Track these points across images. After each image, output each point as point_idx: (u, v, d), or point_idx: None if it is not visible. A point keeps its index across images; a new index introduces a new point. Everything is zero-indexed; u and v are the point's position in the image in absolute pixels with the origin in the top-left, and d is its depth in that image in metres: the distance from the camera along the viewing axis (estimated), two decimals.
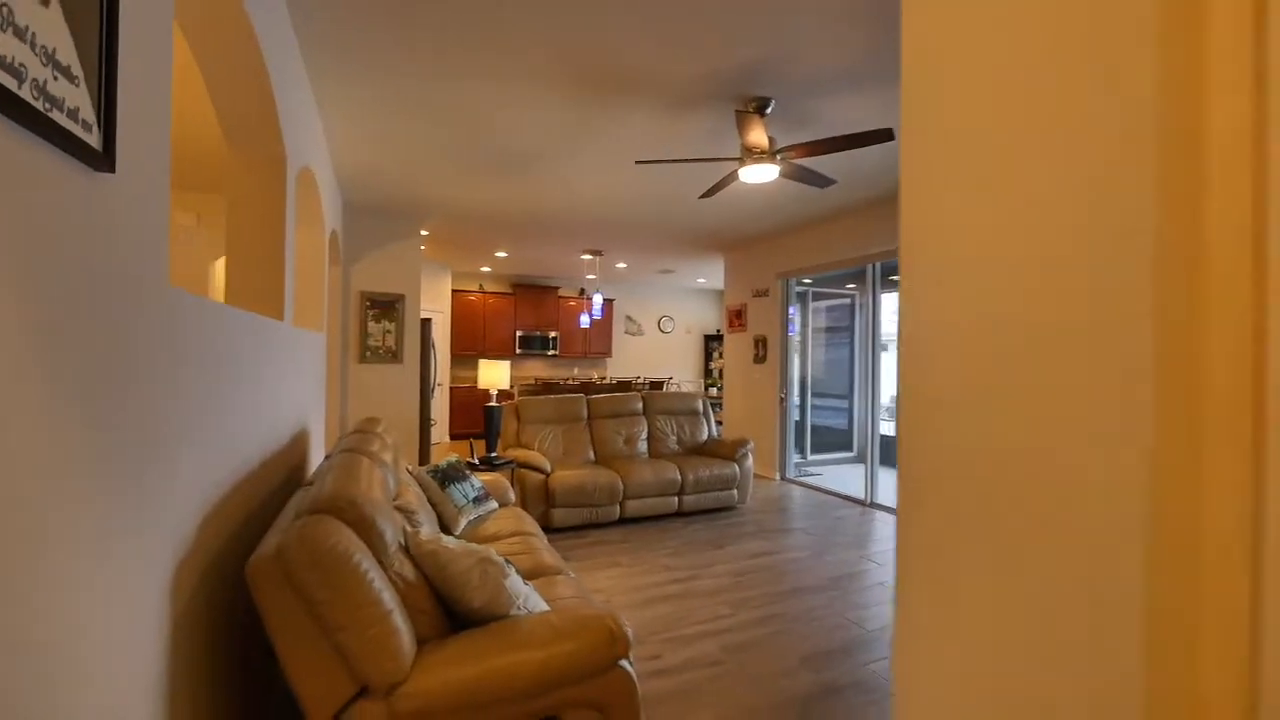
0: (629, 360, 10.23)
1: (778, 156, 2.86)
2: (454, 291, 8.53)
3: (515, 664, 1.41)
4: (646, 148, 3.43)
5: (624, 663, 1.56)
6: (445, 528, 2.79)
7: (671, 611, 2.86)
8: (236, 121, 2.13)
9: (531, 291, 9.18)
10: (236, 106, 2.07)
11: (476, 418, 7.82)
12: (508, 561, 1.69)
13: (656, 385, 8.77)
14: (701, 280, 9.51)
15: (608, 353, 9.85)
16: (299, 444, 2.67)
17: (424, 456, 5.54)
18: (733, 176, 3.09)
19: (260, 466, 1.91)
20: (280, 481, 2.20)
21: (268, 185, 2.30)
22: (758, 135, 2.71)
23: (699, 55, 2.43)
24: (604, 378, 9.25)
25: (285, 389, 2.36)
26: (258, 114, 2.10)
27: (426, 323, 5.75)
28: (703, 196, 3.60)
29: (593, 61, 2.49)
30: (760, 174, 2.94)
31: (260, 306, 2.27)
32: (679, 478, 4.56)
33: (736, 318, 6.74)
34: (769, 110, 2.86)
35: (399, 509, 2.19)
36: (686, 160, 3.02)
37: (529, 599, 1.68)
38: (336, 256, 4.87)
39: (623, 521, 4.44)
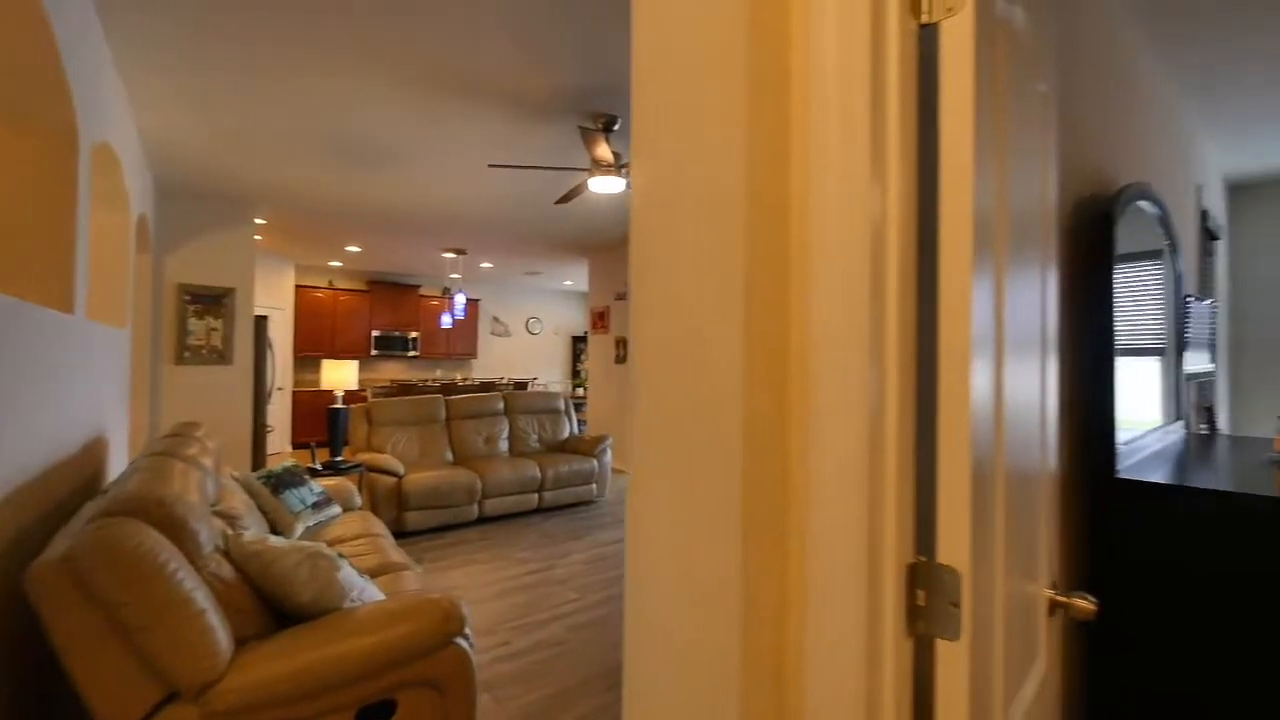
0: (496, 361, 10.07)
1: (622, 170, 3.10)
2: (299, 287, 7.82)
3: (345, 651, 1.44)
4: (501, 152, 3.50)
5: (459, 640, 1.65)
6: (279, 535, 2.64)
7: (525, 601, 2.97)
8: (5, 80, 1.88)
9: (389, 289, 8.68)
10: (6, 61, 1.82)
11: (324, 423, 7.25)
12: (341, 555, 1.70)
13: (521, 386, 8.75)
14: (569, 283, 9.66)
15: (473, 354, 9.62)
16: (93, 452, 2.38)
17: (258, 465, 5.05)
18: (584, 186, 3.28)
19: (39, 478, 1.71)
20: (67, 493, 1.97)
21: (53, 158, 2.04)
22: (603, 151, 2.92)
23: (552, 70, 2.58)
24: (467, 379, 9.02)
25: (75, 391, 2.11)
26: (36, 70, 1.87)
27: (262, 320, 5.25)
28: (558, 202, 3.76)
29: (446, 64, 2.53)
30: (608, 185, 3.16)
31: (41, 296, 2.01)
32: (539, 475, 4.66)
33: (600, 319, 6.98)
34: (616, 127, 3.09)
35: (221, 515, 2.07)
36: (537, 167, 3.15)
37: (365, 591, 1.70)
38: (146, 243, 4.29)
39: (482, 521, 4.45)
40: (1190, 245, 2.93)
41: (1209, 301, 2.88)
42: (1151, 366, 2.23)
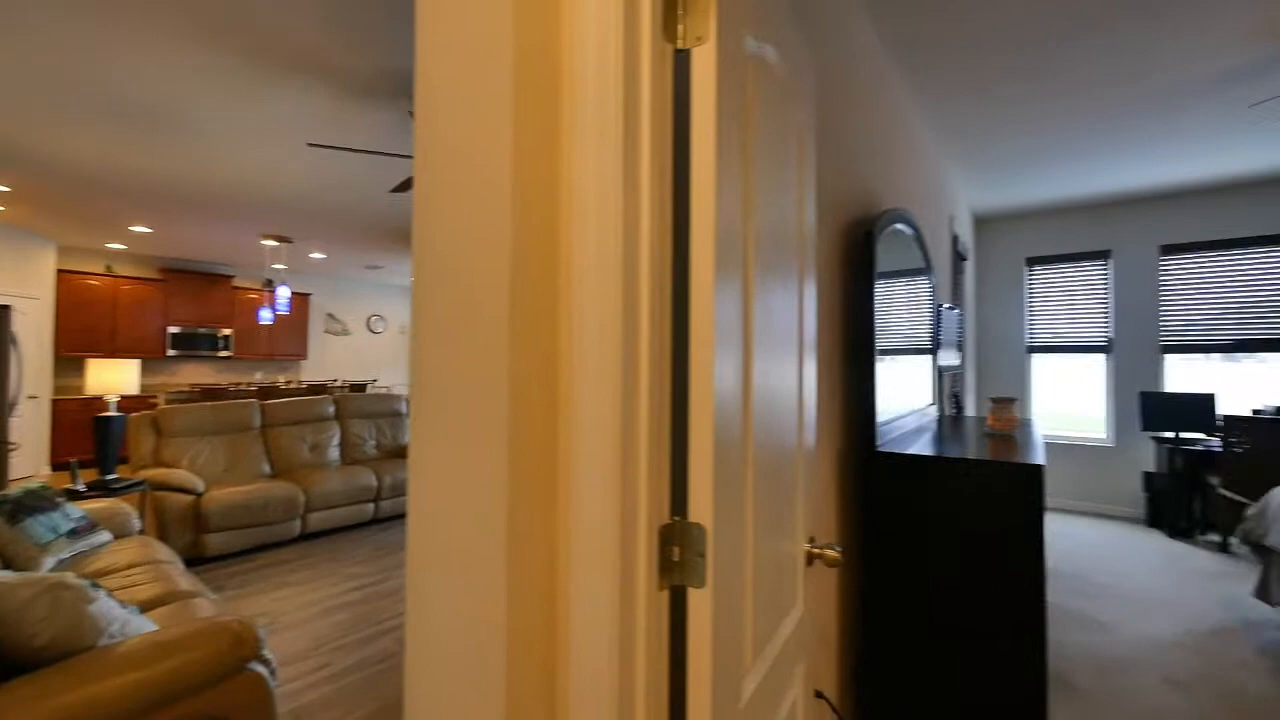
0: (331, 362, 9.13)
1: None
2: (62, 273, 6.40)
3: (97, 694, 1.23)
4: (324, 131, 3.20)
5: (256, 666, 1.49)
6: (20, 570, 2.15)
7: (349, 618, 2.74)
8: None
9: (192, 279, 7.45)
10: None
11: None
12: (95, 585, 1.44)
13: (359, 388, 8.05)
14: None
15: (302, 354, 8.62)
16: None
17: None
18: None
19: None
20: None
21: None
22: None
23: (372, 50, 2.42)
24: (293, 382, 8.06)
25: None
26: None
27: (3, 311, 4.22)
28: (393, 191, 3.53)
29: (233, 23, 2.25)
30: None
31: None
32: (376, 483, 4.33)
33: None
34: None
35: None
36: (364, 151, 2.94)
37: (130, 624, 1.46)
38: None
39: (306, 538, 4.01)
40: (944, 264, 3.60)
41: (957, 311, 3.56)
42: (917, 362, 2.70)
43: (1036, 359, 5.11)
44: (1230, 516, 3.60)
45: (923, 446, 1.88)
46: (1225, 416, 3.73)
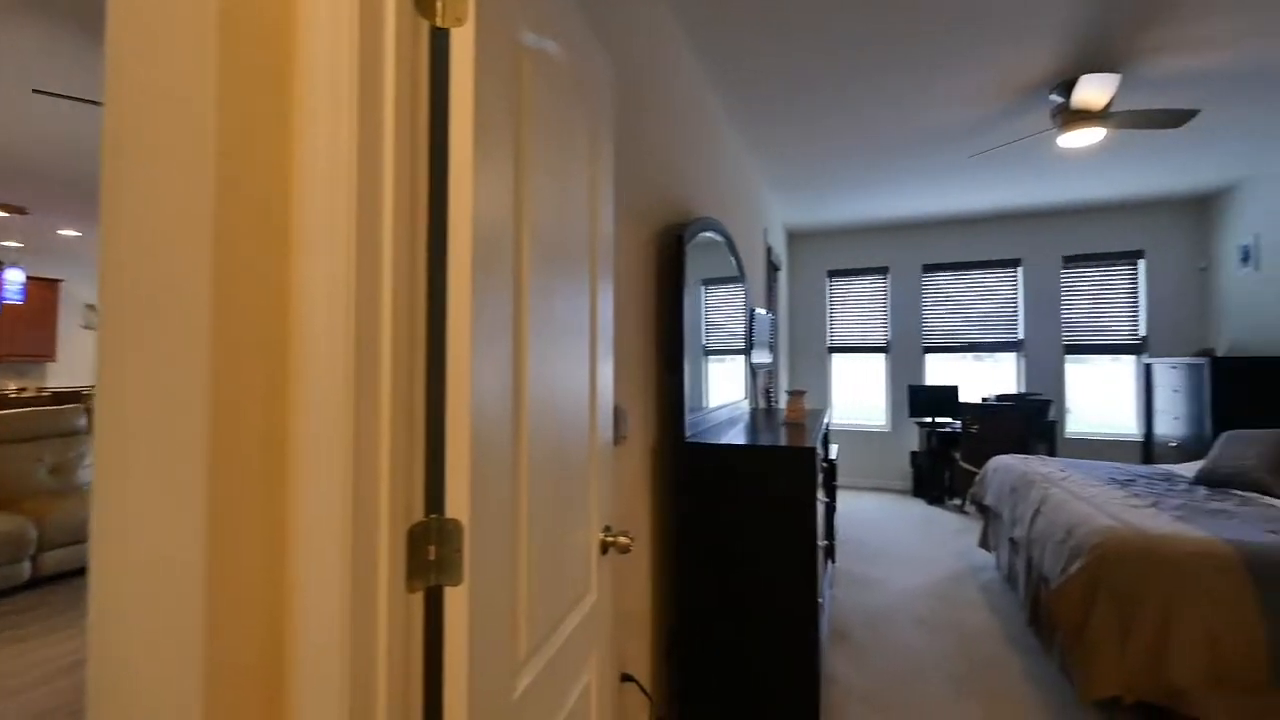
0: (91, 363, 7.44)
1: None
2: None
3: None
4: (60, 77, 2.60)
5: None
6: None
7: None
8: None
9: None
10: None
11: None
12: None
13: None
14: None
15: (49, 355, 6.93)
16: None
17: None
18: None
19: None
20: None
21: None
22: None
23: None
24: (29, 389, 6.44)
25: None
26: None
27: None
28: None
29: None
30: None
31: None
32: None
33: None
34: None
35: None
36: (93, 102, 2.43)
37: None
38: None
39: (39, 583, 3.22)
40: (759, 272, 3.99)
41: (770, 315, 3.97)
42: (732, 361, 2.95)
43: (836, 358, 5.88)
44: (966, 484, 4.48)
45: (732, 436, 2.06)
46: (964, 404, 4.63)
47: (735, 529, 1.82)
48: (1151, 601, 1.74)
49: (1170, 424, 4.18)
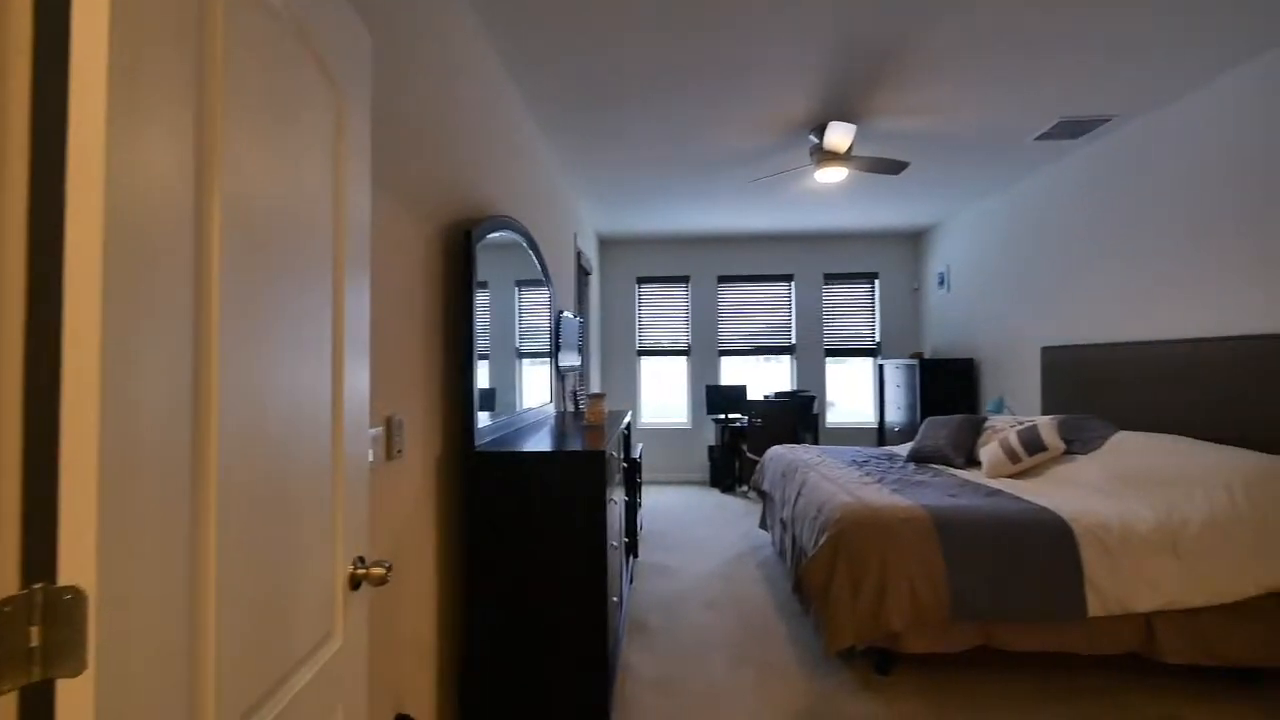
0: None
1: None
2: None
3: None
4: None
5: None
6: None
7: None
8: None
9: None
10: None
11: None
12: None
13: None
14: None
15: None
16: None
17: None
18: None
19: None
20: None
21: None
22: None
23: None
24: None
25: None
26: None
27: None
28: None
29: None
30: None
31: None
32: None
33: None
34: None
35: None
36: None
37: None
38: None
39: None
40: (568, 275, 4.01)
41: (579, 319, 4.02)
42: (536, 364, 2.89)
43: (645, 360, 6.20)
44: (751, 472, 5.05)
45: (534, 442, 2.00)
46: (751, 401, 5.21)
47: (527, 540, 1.78)
48: (874, 562, 2.11)
49: (896, 413, 5.20)
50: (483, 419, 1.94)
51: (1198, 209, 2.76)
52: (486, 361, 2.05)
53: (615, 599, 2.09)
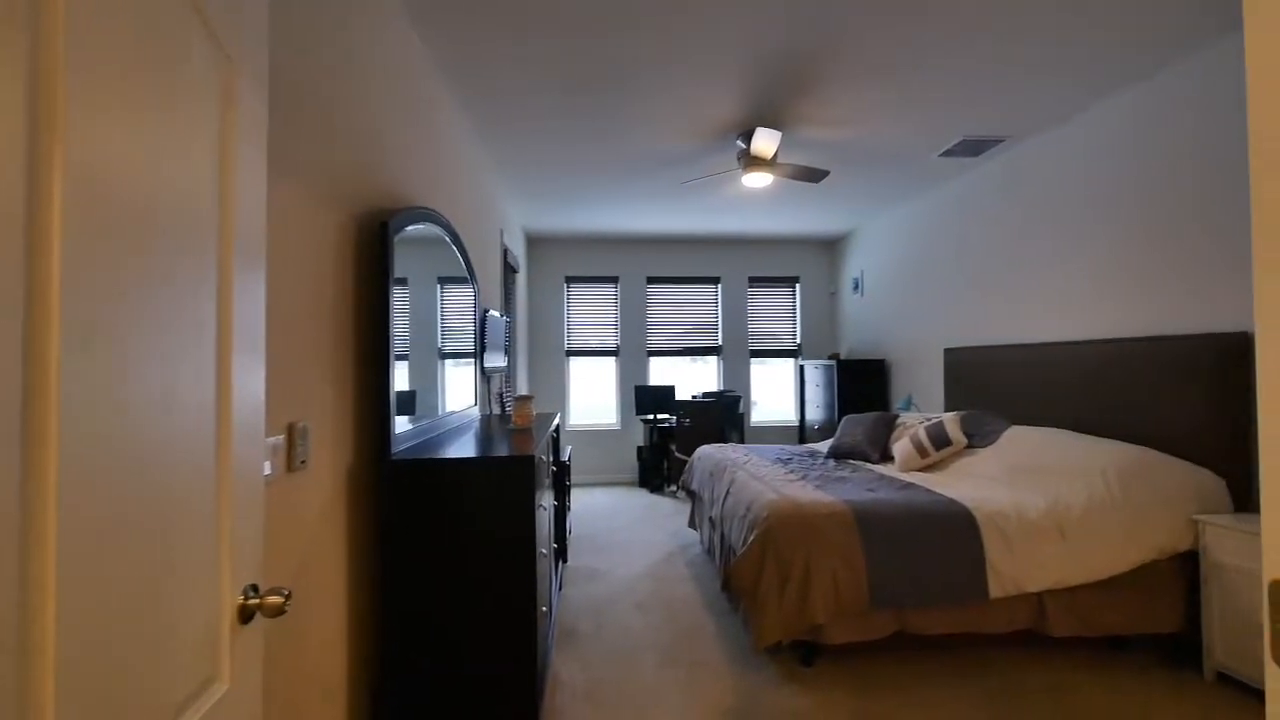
0: None
1: None
2: None
3: None
4: None
5: None
6: None
7: None
8: None
9: None
10: None
11: None
12: None
13: None
14: None
15: None
16: None
17: None
18: None
19: None
20: None
21: None
22: None
23: None
24: None
25: None
26: None
27: None
28: None
29: None
30: None
31: None
32: None
33: None
34: None
35: None
36: None
37: None
38: None
39: None
40: (494, 273, 3.87)
41: (506, 318, 3.88)
42: (460, 366, 2.75)
43: (574, 361, 6.11)
44: (679, 472, 5.09)
45: (458, 448, 1.89)
46: (679, 401, 5.26)
47: (451, 554, 1.67)
48: (799, 558, 2.17)
49: (815, 411, 5.43)
50: (401, 424, 1.81)
51: (1077, 225, 3.07)
52: (405, 362, 1.92)
53: (544, 609, 2.02)
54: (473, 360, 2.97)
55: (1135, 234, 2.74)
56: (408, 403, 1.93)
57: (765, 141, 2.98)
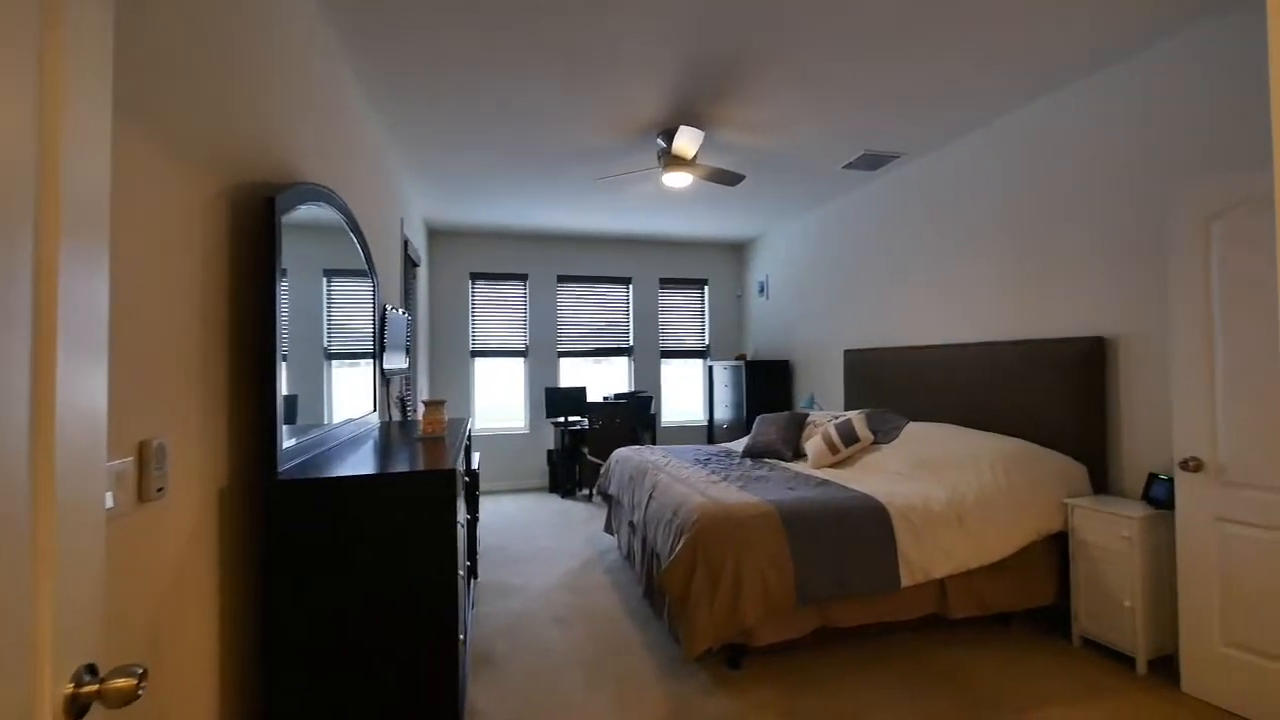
0: None
1: None
2: None
3: None
4: None
5: None
6: None
7: None
8: None
9: None
10: None
11: None
12: None
13: None
14: None
15: None
16: None
17: None
18: None
19: None
20: None
21: None
22: None
23: None
24: None
25: None
26: None
27: None
28: None
29: None
30: None
31: None
32: None
33: None
34: None
35: None
36: None
37: None
38: None
39: None
40: (394, 266, 3.52)
41: (407, 315, 3.55)
42: (356, 368, 2.44)
43: (478, 362, 5.78)
44: (593, 475, 4.98)
45: (357, 462, 1.64)
46: (591, 403, 5.14)
47: (354, 589, 1.44)
48: (729, 561, 2.15)
49: (724, 411, 5.55)
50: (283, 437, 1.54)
51: (965, 236, 3.35)
52: (284, 364, 1.64)
53: (462, 637, 1.83)
54: (370, 361, 2.66)
55: (1010, 246, 3.04)
56: (288, 410, 1.65)
57: (688, 140, 2.95)
